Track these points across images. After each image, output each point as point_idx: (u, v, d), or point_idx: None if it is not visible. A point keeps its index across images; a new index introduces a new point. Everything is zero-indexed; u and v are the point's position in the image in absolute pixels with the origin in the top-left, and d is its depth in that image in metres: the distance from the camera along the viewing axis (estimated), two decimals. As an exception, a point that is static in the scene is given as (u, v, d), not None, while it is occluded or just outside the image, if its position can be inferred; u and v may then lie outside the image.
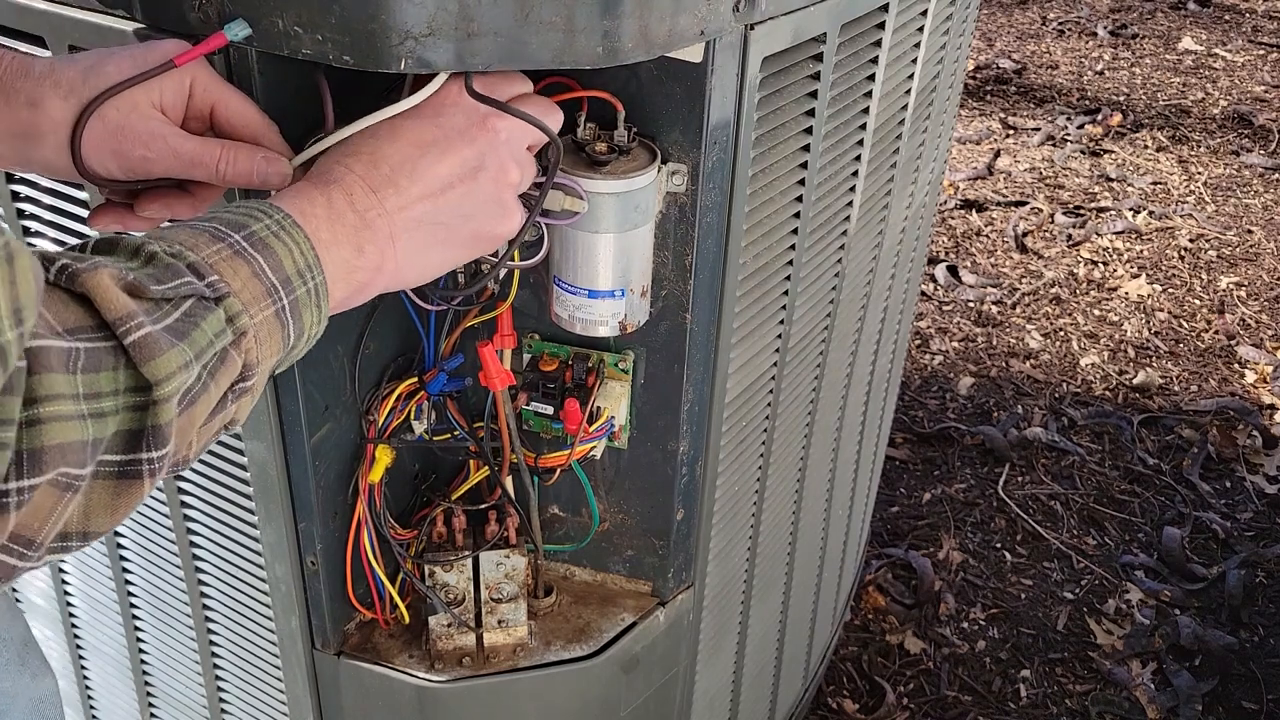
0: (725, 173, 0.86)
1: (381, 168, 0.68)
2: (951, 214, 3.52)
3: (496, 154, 0.72)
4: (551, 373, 0.97)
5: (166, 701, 1.29)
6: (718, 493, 1.08)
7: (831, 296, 1.17)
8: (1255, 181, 3.80)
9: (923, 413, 2.65)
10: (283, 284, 0.61)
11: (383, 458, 0.96)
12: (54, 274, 0.53)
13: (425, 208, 0.70)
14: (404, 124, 0.70)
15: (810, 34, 0.88)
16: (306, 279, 0.63)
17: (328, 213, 0.66)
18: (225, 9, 0.70)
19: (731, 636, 1.30)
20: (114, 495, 0.54)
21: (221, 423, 0.61)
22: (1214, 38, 5.03)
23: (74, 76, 0.69)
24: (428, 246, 0.71)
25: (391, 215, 0.68)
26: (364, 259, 0.67)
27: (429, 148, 0.70)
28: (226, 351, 0.58)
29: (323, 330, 0.66)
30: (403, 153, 0.69)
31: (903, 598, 2.16)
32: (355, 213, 0.67)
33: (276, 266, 0.61)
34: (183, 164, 0.71)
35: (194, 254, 0.58)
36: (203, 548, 1.07)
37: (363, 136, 0.70)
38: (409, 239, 0.69)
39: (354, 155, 0.69)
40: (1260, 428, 2.62)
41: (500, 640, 1.03)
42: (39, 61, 0.70)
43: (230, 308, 0.58)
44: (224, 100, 0.73)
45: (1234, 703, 1.97)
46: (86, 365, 0.51)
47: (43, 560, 0.53)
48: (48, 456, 0.49)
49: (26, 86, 0.69)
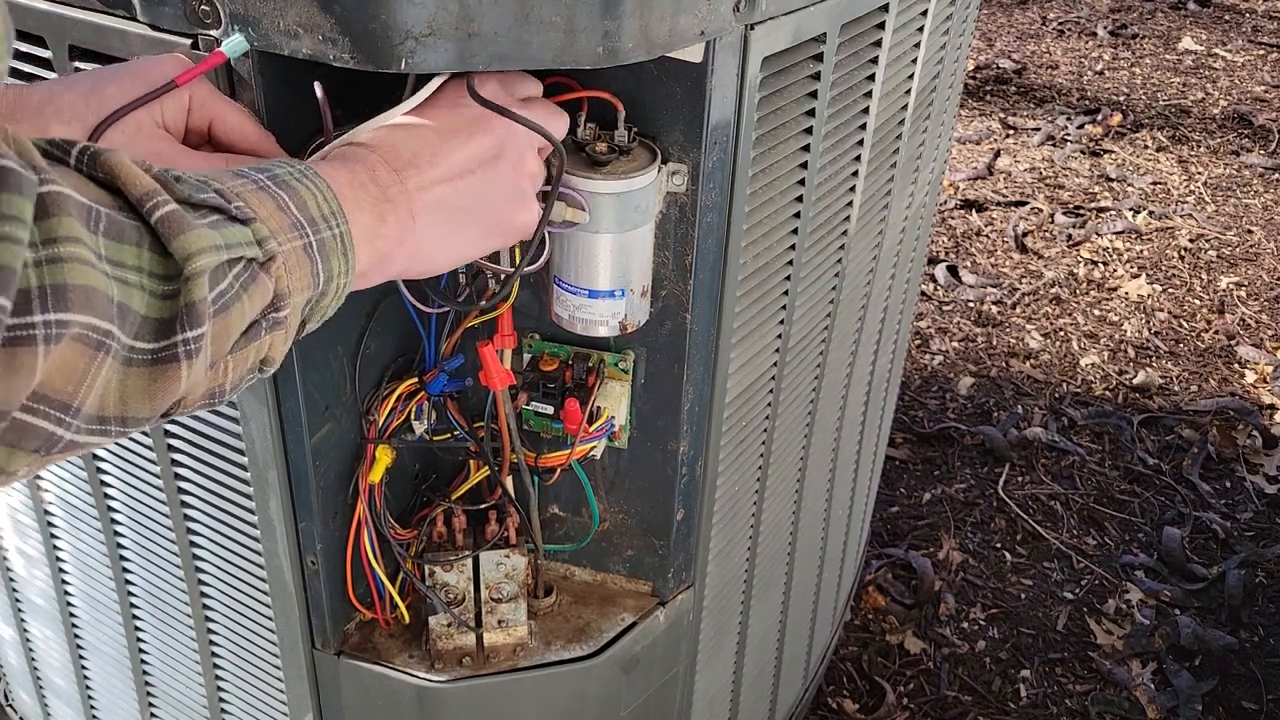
0: (725, 173, 0.86)
1: (403, 151, 0.68)
2: (951, 214, 3.52)
3: (515, 143, 0.73)
4: (552, 373, 0.97)
5: (166, 701, 1.29)
6: (718, 493, 1.08)
7: (831, 296, 1.17)
8: (1255, 181, 3.80)
9: (923, 413, 2.65)
10: (309, 222, 0.60)
11: (383, 458, 0.96)
12: (75, 157, 0.51)
13: (446, 190, 0.70)
14: (425, 115, 0.71)
15: (810, 34, 0.88)
16: (332, 224, 0.62)
17: (350, 179, 0.65)
18: (226, 9, 0.70)
19: (731, 636, 1.30)
20: (150, 380, 0.52)
21: (256, 356, 0.59)
22: (1214, 38, 5.03)
23: (75, 101, 0.69)
24: (449, 229, 0.71)
25: (412, 194, 0.68)
26: (386, 227, 0.66)
27: (449, 134, 0.70)
28: (257, 270, 0.56)
29: (349, 287, 0.64)
30: (423, 137, 0.70)
31: (903, 598, 2.16)
32: (378, 186, 0.66)
33: (302, 205, 0.60)
34: None
35: (218, 182, 0.57)
36: (203, 548, 1.07)
37: (376, 130, 0.70)
38: (430, 219, 0.69)
39: (373, 142, 0.69)
40: (1260, 428, 2.62)
41: (500, 640, 1.03)
42: (36, 90, 0.70)
43: (258, 231, 0.56)
44: (221, 114, 0.73)
45: (1234, 703, 1.97)
46: (109, 230, 0.49)
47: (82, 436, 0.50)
48: (72, 296, 0.45)
49: (27, 115, 0.69)
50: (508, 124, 0.72)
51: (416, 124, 0.70)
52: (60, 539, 1.23)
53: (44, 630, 1.37)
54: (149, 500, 1.08)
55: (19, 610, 1.39)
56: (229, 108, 0.73)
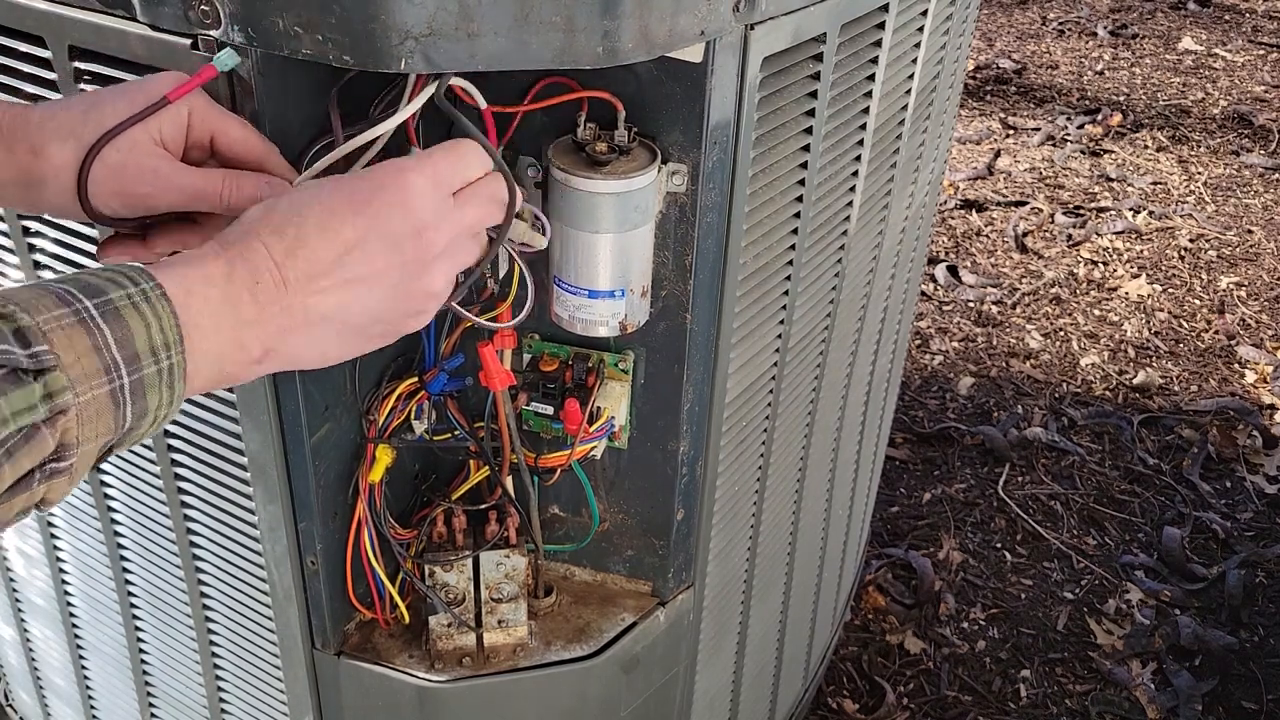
0: (725, 173, 0.86)
1: (299, 259, 0.64)
2: (951, 214, 3.52)
3: (424, 266, 0.68)
4: (551, 373, 0.97)
5: (166, 701, 1.29)
6: (718, 493, 1.08)
7: (831, 296, 1.17)
8: (1255, 181, 3.80)
9: (923, 413, 2.65)
10: (127, 360, 0.57)
11: (383, 457, 0.96)
12: None
13: (335, 303, 0.66)
14: (338, 215, 0.65)
15: (810, 34, 0.88)
16: (160, 357, 0.58)
17: (222, 296, 0.62)
18: (226, 9, 0.70)
19: (731, 636, 1.30)
20: None
21: (25, 504, 0.56)
22: (1214, 38, 5.03)
23: (72, 120, 0.70)
24: (326, 340, 0.67)
25: (294, 311, 0.64)
26: (242, 353, 0.63)
27: (355, 247, 0.65)
28: (36, 429, 0.53)
29: (176, 412, 0.61)
30: (328, 246, 0.65)
31: (903, 598, 2.16)
32: (255, 304, 0.63)
33: (125, 340, 0.57)
34: (186, 197, 0.71)
35: (28, 317, 0.53)
36: (203, 548, 1.07)
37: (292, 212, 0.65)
38: (308, 332, 0.66)
39: (277, 234, 0.64)
40: (1260, 428, 2.62)
41: (500, 640, 1.03)
42: (36, 109, 0.71)
43: (53, 383, 0.53)
44: (223, 128, 0.73)
45: (1234, 703, 1.97)
46: None
47: None
48: None
49: (27, 134, 0.70)
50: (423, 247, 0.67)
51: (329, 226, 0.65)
52: (60, 539, 1.23)
53: (44, 630, 1.37)
54: (149, 500, 1.08)
55: (19, 610, 1.39)
56: (229, 120, 0.73)
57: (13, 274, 1.01)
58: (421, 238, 0.67)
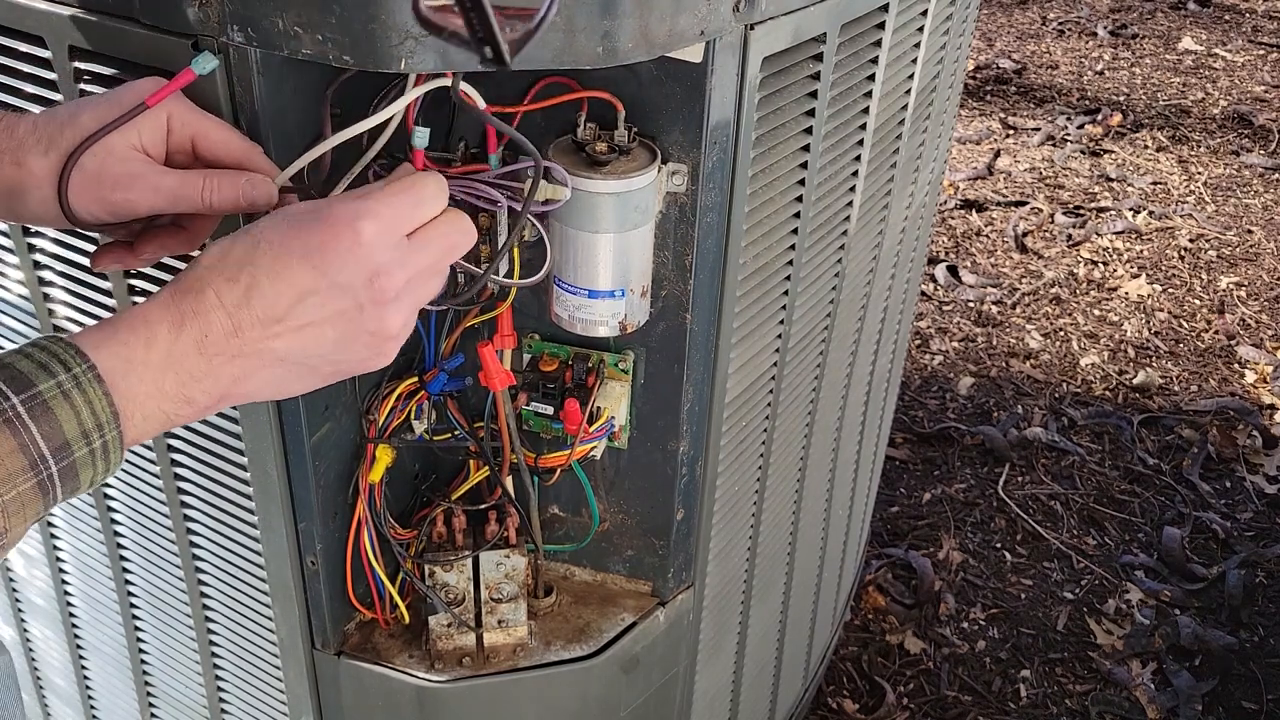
0: (725, 173, 0.86)
1: (254, 305, 0.64)
2: (951, 214, 3.52)
3: (379, 311, 0.67)
4: (551, 373, 0.97)
5: (166, 701, 1.29)
6: (718, 493, 1.08)
7: (831, 296, 1.17)
8: (1255, 181, 3.80)
9: (923, 413, 2.65)
10: (55, 451, 0.58)
11: (383, 457, 0.96)
12: None
13: (289, 347, 0.66)
14: (291, 263, 0.65)
15: (810, 34, 0.88)
16: (93, 438, 0.60)
17: (164, 359, 0.62)
18: (225, 9, 0.70)
19: (731, 636, 1.30)
20: None
21: None
22: (1214, 38, 5.03)
23: (53, 131, 0.70)
24: (283, 380, 0.68)
25: (249, 357, 0.65)
26: (190, 407, 0.64)
27: (308, 295, 0.65)
28: None
29: (117, 469, 0.63)
30: (281, 293, 0.64)
31: (903, 598, 2.16)
32: (203, 357, 0.63)
33: (52, 433, 0.58)
34: (167, 200, 0.71)
35: None
36: (203, 548, 1.07)
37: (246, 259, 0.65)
38: (264, 375, 0.66)
39: (230, 282, 0.64)
40: (1260, 428, 2.62)
41: (500, 640, 1.03)
42: (23, 120, 0.71)
43: None
44: (204, 131, 0.73)
45: (1234, 703, 1.97)
46: None
47: None
48: None
49: (10, 146, 0.70)
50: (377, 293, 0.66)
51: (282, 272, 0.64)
52: (60, 539, 1.23)
53: (44, 630, 1.37)
54: (149, 500, 1.08)
55: (19, 610, 1.39)
56: (209, 123, 0.73)
57: (13, 274, 1.01)
58: (374, 285, 0.66)
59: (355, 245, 0.65)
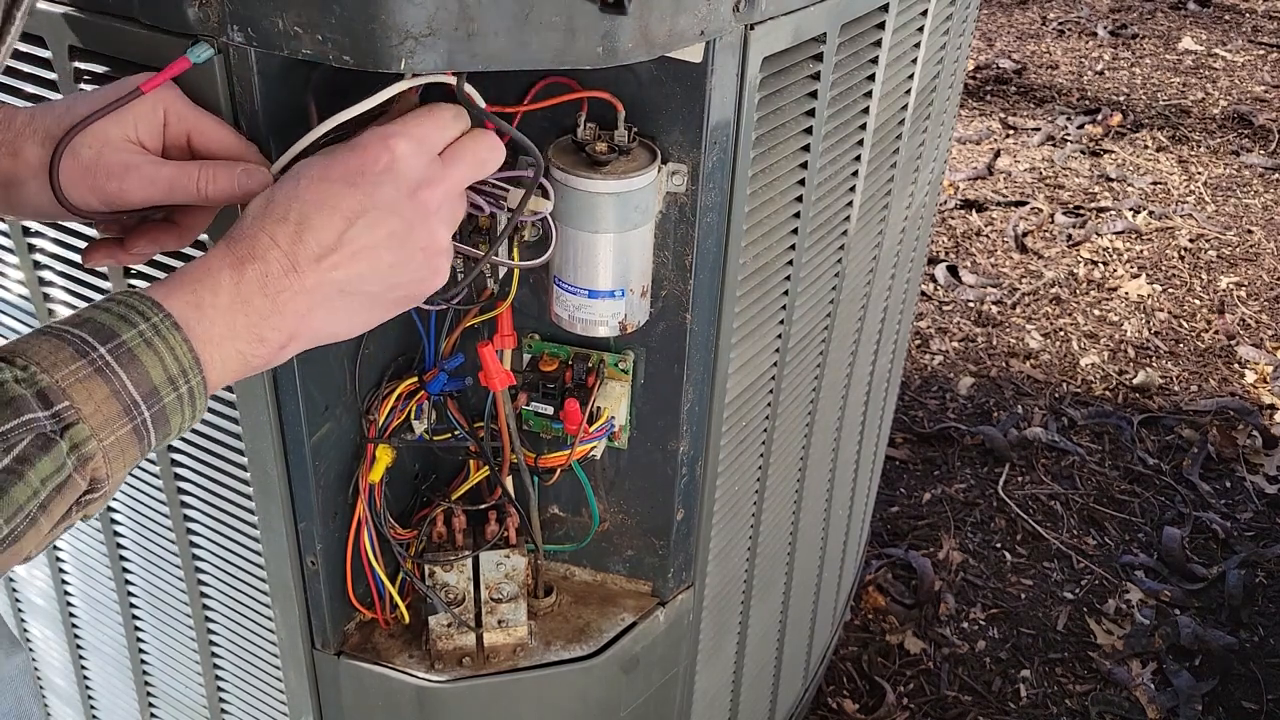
0: (725, 173, 0.86)
1: (307, 240, 0.66)
2: (951, 214, 3.52)
3: (426, 225, 0.70)
4: (551, 373, 0.97)
5: (166, 701, 1.29)
6: (718, 493, 1.08)
7: (831, 296, 1.17)
8: (1255, 181, 3.80)
9: (923, 413, 2.65)
10: (145, 397, 0.60)
11: (383, 457, 0.96)
12: None
13: (349, 276, 0.68)
14: (335, 191, 0.67)
15: (810, 34, 0.88)
16: (179, 384, 0.62)
17: (232, 301, 0.64)
18: (225, 9, 0.70)
19: (731, 636, 1.30)
20: None
21: (68, 525, 0.61)
22: (1214, 38, 5.03)
23: (49, 123, 0.71)
24: (349, 312, 0.70)
25: (311, 291, 0.67)
26: (264, 346, 0.66)
27: (357, 218, 0.67)
28: (65, 480, 0.58)
29: (203, 413, 0.65)
30: (331, 223, 0.67)
31: (903, 598, 2.16)
32: (267, 297, 0.65)
33: (141, 380, 0.60)
34: (162, 190, 0.72)
35: (48, 376, 0.57)
36: (203, 548, 1.07)
37: (291, 197, 0.67)
38: (329, 308, 0.68)
39: (280, 222, 0.66)
40: (1260, 428, 2.62)
41: (500, 640, 1.03)
42: (22, 113, 0.72)
43: (76, 435, 0.58)
44: (199, 126, 0.73)
45: (1234, 703, 1.97)
46: None
47: None
48: None
49: (8, 138, 0.71)
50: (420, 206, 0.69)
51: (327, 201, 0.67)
52: (60, 539, 1.23)
53: (44, 630, 1.37)
54: (149, 500, 1.08)
55: (19, 610, 1.39)
56: (206, 119, 0.74)
57: (13, 274, 1.01)
58: (416, 198, 0.69)
59: (392, 163, 0.68)
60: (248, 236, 0.66)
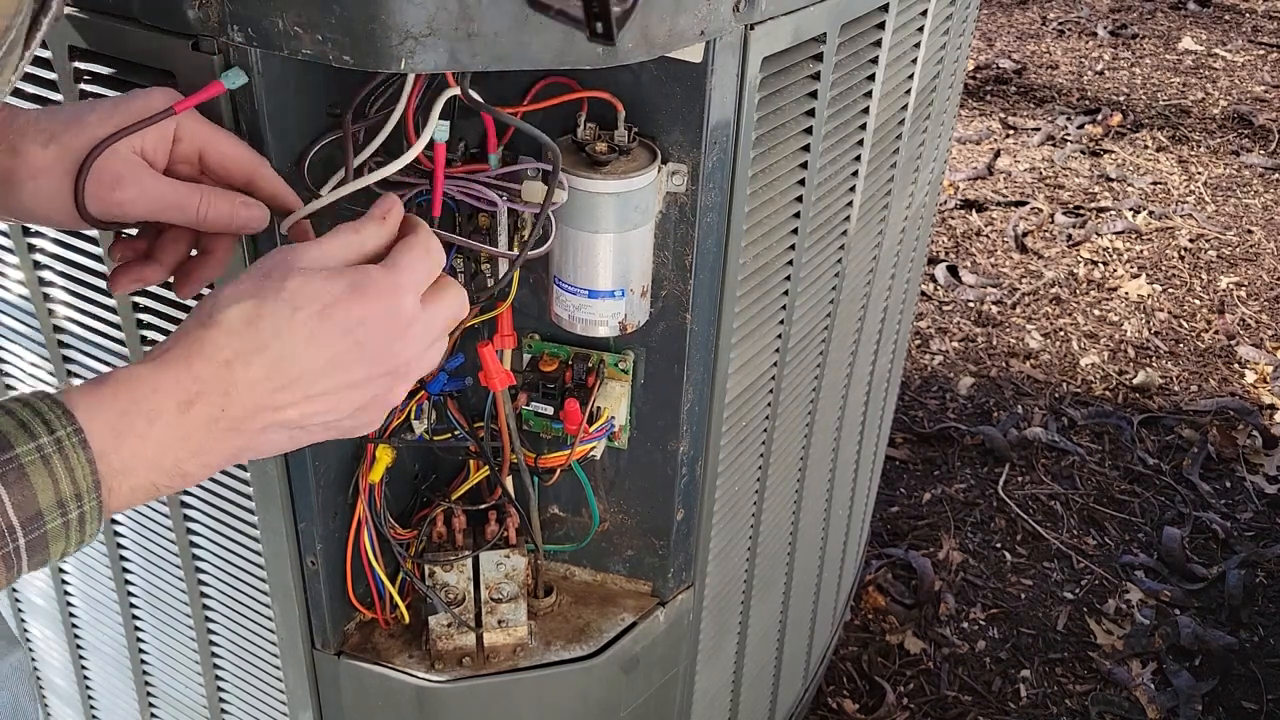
0: (725, 173, 0.86)
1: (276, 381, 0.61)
2: (951, 214, 3.52)
3: (406, 384, 0.67)
4: (551, 373, 0.97)
5: (166, 701, 1.29)
6: (718, 493, 1.08)
7: (831, 296, 1.17)
8: (1255, 181, 3.80)
9: (923, 413, 2.65)
10: (25, 523, 0.54)
11: (383, 457, 0.96)
12: None
13: (301, 415, 0.63)
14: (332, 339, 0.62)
15: (810, 34, 0.88)
16: (70, 509, 0.55)
17: (166, 435, 0.58)
18: (225, 9, 0.70)
19: (731, 636, 1.30)
20: None
21: None
22: (1214, 38, 5.03)
23: (55, 125, 0.70)
24: (278, 446, 0.65)
25: (255, 434, 0.62)
26: (183, 480, 0.61)
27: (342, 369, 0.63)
28: None
29: (90, 542, 0.59)
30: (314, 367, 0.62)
31: (903, 598, 2.16)
32: (210, 435, 0.60)
33: (25, 502, 0.54)
34: (162, 207, 0.71)
35: None
36: (203, 548, 1.07)
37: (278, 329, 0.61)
38: (264, 439, 0.63)
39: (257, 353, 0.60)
40: (1260, 428, 2.62)
41: (500, 640, 1.03)
42: (24, 112, 0.71)
43: None
44: (212, 143, 0.73)
45: (1234, 703, 1.97)
46: None
47: None
48: None
49: (9, 136, 0.70)
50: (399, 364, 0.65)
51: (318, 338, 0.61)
52: (60, 539, 1.23)
53: (44, 630, 1.37)
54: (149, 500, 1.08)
55: (19, 610, 1.39)
56: (219, 135, 0.73)
57: (13, 274, 1.01)
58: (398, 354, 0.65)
59: (400, 323, 0.64)
60: (215, 360, 0.60)
